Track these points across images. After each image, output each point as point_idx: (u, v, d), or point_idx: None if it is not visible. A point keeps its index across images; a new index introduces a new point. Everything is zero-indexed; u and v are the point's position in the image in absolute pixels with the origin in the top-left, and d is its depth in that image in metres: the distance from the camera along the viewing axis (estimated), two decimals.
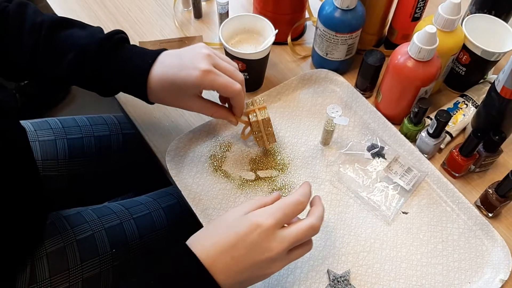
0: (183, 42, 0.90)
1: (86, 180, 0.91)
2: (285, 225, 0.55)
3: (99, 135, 0.92)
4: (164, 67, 0.65)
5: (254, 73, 0.82)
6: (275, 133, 0.75)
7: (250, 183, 0.74)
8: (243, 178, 0.75)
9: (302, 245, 0.56)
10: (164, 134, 0.80)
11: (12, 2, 0.67)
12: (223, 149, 0.78)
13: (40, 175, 0.83)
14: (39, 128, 0.88)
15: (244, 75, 0.80)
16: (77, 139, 0.90)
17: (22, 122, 0.76)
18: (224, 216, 0.56)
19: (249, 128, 0.75)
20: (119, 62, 0.66)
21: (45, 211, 0.77)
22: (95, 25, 0.69)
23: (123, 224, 0.81)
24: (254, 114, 0.72)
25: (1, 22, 0.66)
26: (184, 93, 0.66)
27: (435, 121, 0.73)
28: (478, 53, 0.78)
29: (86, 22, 0.91)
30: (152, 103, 0.70)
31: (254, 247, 0.52)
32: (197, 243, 0.54)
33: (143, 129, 0.81)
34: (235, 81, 0.65)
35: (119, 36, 0.67)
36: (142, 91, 0.66)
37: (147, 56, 0.66)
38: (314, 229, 0.55)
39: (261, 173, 0.75)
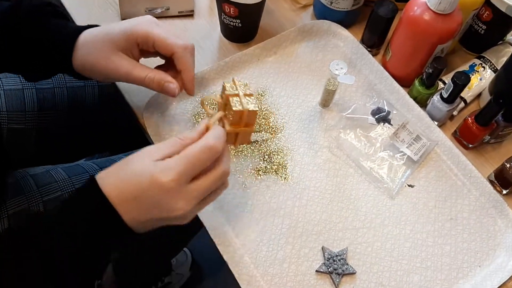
0: None
1: (58, 135, 0.87)
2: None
3: (72, 85, 0.87)
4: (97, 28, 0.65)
5: (247, 20, 0.77)
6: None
7: (239, 147, 0.69)
8: None
9: (214, 191, 0.55)
10: (142, 88, 0.71)
11: None
12: (209, 107, 0.72)
13: (4, 127, 0.79)
14: (4, 76, 0.83)
15: (236, 22, 0.76)
16: (48, 89, 0.85)
17: None
18: (136, 158, 0.53)
19: (218, 113, 0.57)
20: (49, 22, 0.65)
21: (5, 167, 0.73)
22: None
23: None
24: (237, 100, 0.55)
25: None
26: (114, 46, 0.61)
27: (452, 84, 0.68)
28: (503, 9, 0.73)
29: None
30: (75, 74, 0.65)
31: (156, 205, 0.51)
32: (107, 182, 0.52)
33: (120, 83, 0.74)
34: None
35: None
36: (69, 44, 0.63)
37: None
38: (211, 150, 0.51)
39: (252, 136, 0.69)
